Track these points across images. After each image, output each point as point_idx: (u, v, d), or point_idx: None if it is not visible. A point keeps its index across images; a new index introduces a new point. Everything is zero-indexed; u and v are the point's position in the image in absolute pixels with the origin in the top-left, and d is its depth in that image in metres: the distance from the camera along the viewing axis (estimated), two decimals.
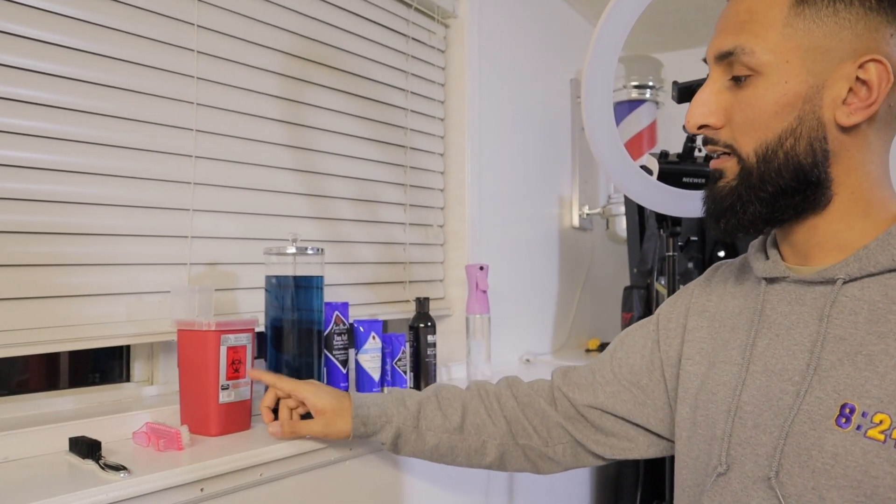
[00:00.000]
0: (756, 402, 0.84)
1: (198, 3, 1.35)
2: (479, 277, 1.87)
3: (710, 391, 0.91)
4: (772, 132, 0.80)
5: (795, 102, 0.79)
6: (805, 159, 0.80)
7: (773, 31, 0.79)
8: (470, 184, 2.05)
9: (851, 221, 0.82)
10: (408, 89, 1.91)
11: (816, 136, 0.79)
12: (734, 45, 0.81)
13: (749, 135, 0.82)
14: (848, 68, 0.77)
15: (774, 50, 0.79)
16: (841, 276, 0.80)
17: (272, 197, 1.51)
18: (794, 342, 0.83)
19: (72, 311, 1.17)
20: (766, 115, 0.80)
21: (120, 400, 1.29)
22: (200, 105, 1.36)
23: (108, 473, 0.97)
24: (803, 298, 0.84)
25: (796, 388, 0.80)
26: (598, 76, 1.46)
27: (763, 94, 0.80)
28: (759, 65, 0.80)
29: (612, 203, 2.66)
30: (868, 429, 0.73)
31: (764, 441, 0.82)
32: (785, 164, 0.80)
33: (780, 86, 0.79)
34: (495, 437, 1.15)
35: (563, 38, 2.63)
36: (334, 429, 1.15)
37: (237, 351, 1.22)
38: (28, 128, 1.12)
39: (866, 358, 0.76)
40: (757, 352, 0.86)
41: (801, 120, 0.79)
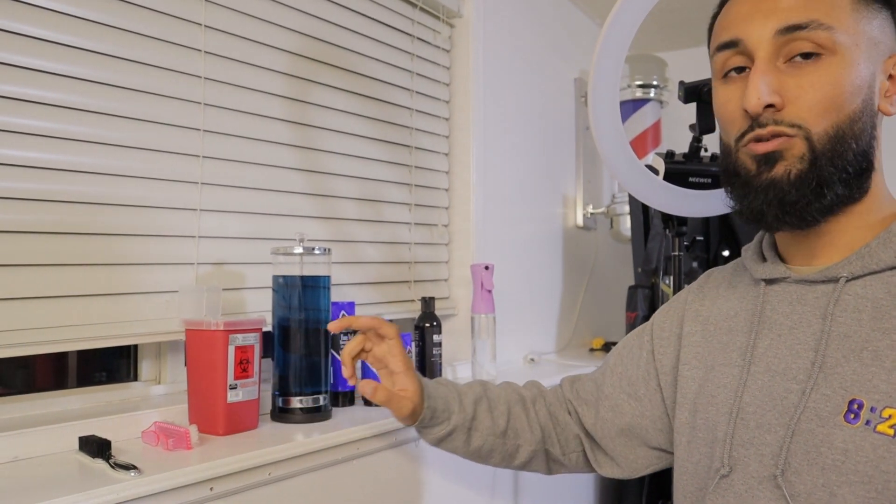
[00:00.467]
0: (759, 402, 0.84)
1: (205, 4, 1.36)
2: (485, 277, 1.87)
3: (709, 394, 0.91)
4: (844, 113, 0.79)
5: (863, 86, 0.80)
6: (865, 145, 0.81)
7: (843, 13, 0.80)
8: (475, 183, 2.05)
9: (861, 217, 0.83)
10: (413, 89, 1.91)
11: (872, 123, 0.81)
12: (809, 19, 0.79)
13: (822, 115, 0.79)
14: (889, 62, 0.82)
15: (848, 31, 0.79)
16: (844, 275, 0.81)
17: (278, 197, 1.52)
18: (798, 341, 0.83)
19: (80, 310, 1.17)
20: (842, 96, 0.79)
21: (128, 399, 1.29)
22: (208, 105, 1.36)
23: (118, 473, 0.98)
24: (805, 298, 0.84)
25: (801, 386, 0.80)
26: (605, 76, 1.46)
27: (840, 73, 0.79)
28: (835, 43, 0.79)
29: (616, 202, 2.66)
30: (877, 424, 0.73)
31: (768, 440, 0.82)
32: (854, 146, 0.80)
33: (855, 67, 0.79)
34: (531, 444, 1.16)
35: (567, 37, 2.63)
36: (403, 410, 1.09)
37: (245, 350, 1.23)
38: (35, 127, 1.12)
39: (872, 354, 0.76)
40: (758, 353, 0.87)
41: (865, 104, 0.80)
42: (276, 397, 1.34)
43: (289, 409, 1.32)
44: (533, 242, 2.39)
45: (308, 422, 1.32)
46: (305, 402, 1.33)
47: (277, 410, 1.33)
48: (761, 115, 0.81)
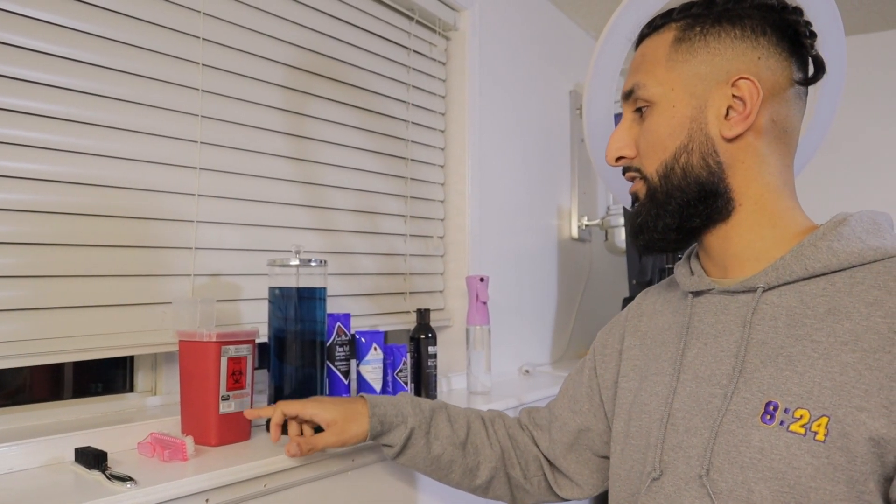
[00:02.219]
0: (687, 408, 0.89)
1: (203, 17, 1.36)
2: (480, 289, 1.87)
3: (642, 403, 0.97)
4: (668, 152, 0.91)
5: (684, 123, 0.90)
6: (701, 171, 0.89)
7: (659, 66, 0.92)
8: (470, 195, 2.06)
9: (761, 231, 0.90)
10: (409, 101, 1.92)
11: (707, 150, 0.89)
12: (633, 84, 0.95)
13: (651, 157, 0.92)
14: (724, 88, 0.88)
15: (662, 82, 0.91)
16: (761, 285, 0.87)
17: (275, 208, 1.52)
18: (721, 349, 0.89)
19: (76, 321, 1.18)
20: (661, 138, 0.91)
21: (124, 410, 1.29)
22: (205, 117, 1.37)
23: (114, 484, 0.98)
24: (728, 308, 0.91)
25: (724, 390, 0.86)
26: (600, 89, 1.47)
27: (657, 120, 0.91)
28: (651, 96, 0.92)
29: (611, 214, 2.67)
30: (790, 423, 0.79)
31: (695, 443, 0.87)
32: (683, 177, 0.90)
33: (669, 110, 0.90)
34: (490, 461, 1.20)
35: (562, 50, 2.65)
36: (348, 435, 1.15)
37: (238, 362, 1.23)
38: (33, 139, 1.13)
39: (786, 359, 0.82)
40: (687, 361, 0.92)
41: (691, 137, 0.89)
42: None
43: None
44: (528, 254, 2.40)
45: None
46: None
47: None
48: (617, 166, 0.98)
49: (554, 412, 1.20)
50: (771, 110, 0.89)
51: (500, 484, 1.21)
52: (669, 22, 0.94)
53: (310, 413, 1.16)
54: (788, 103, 0.90)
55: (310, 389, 1.34)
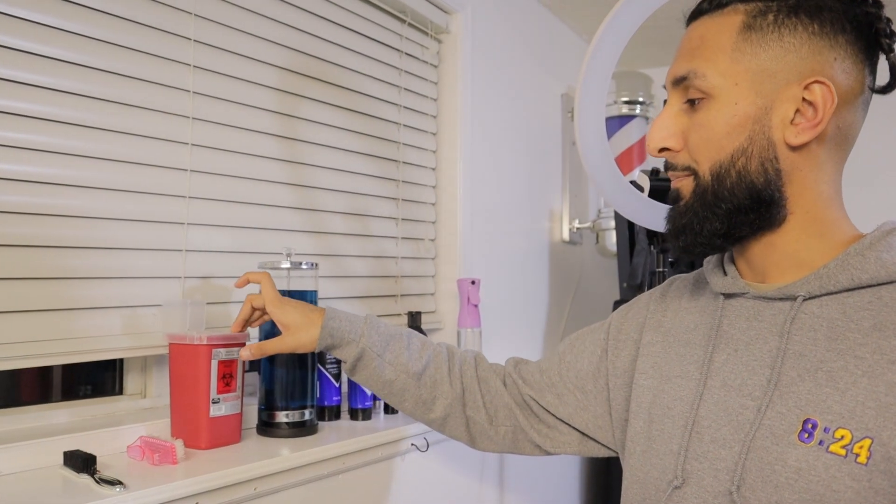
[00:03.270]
0: (714, 416, 0.85)
1: (195, 18, 1.36)
2: (471, 291, 1.87)
3: (665, 405, 0.93)
4: (724, 152, 0.83)
5: (745, 123, 0.82)
6: (757, 178, 0.83)
7: (722, 55, 0.83)
8: (461, 198, 2.06)
9: (808, 241, 0.85)
10: (400, 104, 1.92)
11: (767, 156, 0.82)
12: (687, 70, 0.85)
13: (704, 155, 0.85)
14: (794, 90, 0.81)
15: (724, 73, 0.83)
16: (801, 294, 0.82)
17: (266, 211, 1.52)
18: (754, 358, 0.84)
19: (65, 324, 1.17)
20: (718, 136, 0.83)
21: (113, 413, 1.29)
22: (196, 119, 1.37)
23: (103, 488, 0.97)
24: (762, 314, 0.86)
25: (756, 402, 0.82)
26: (592, 92, 1.47)
27: (715, 116, 0.83)
28: (710, 88, 0.84)
29: (601, 217, 2.67)
30: (830, 444, 0.75)
31: (723, 455, 0.83)
32: (738, 182, 0.83)
33: (731, 107, 0.83)
34: (447, 397, 1.16)
35: (554, 53, 2.65)
36: (299, 341, 1.15)
37: (228, 365, 1.23)
38: (21, 140, 1.12)
39: (827, 374, 0.78)
40: (715, 367, 0.88)
41: (751, 140, 0.82)
42: (261, 411, 1.34)
43: (275, 423, 1.32)
44: (519, 257, 2.40)
45: (294, 436, 1.32)
46: (291, 416, 1.33)
47: (263, 424, 1.33)
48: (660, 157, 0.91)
49: (550, 377, 1.14)
50: (838, 117, 0.82)
51: (456, 423, 1.17)
52: (735, 2, 0.84)
53: (270, 311, 1.17)
54: (856, 111, 0.84)
55: (300, 393, 1.34)
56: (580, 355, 1.13)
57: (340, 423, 1.48)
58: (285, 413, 1.32)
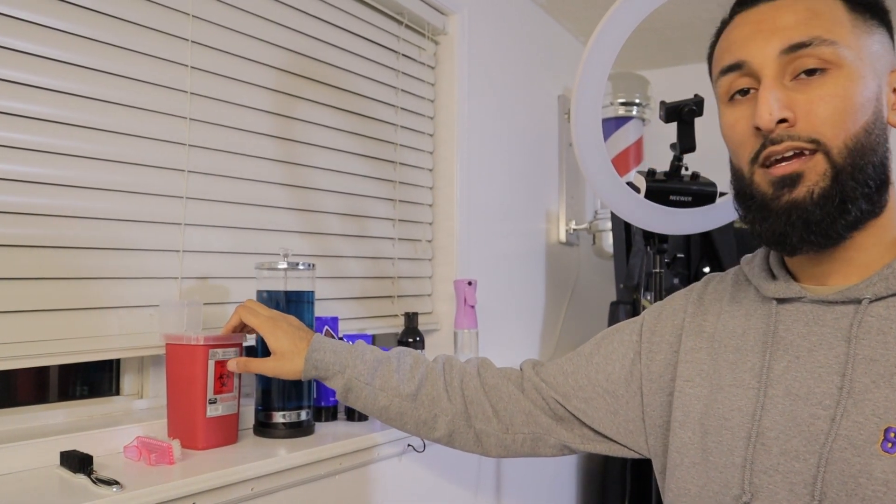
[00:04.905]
0: (781, 427, 0.81)
1: (192, 19, 1.36)
2: (468, 292, 1.88)
3: (720, 416, 0.88)
4: (859, 125, 0.78)
5: (872, 99, 0.79)
6: (882, 157, 0.80)
7: (844, 28, 0.80)
8: (458, 199, 2.06)
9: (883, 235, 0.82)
10: (398, 105, 1.92)
11: (884, 135, 0.80)
12: (811, 37, 0.79)
13: (838, 128, 0.78)
14: (892, 76, 0.82)
15: (851, 45, 0.79)
16: (867, 296, 0.78)
17: (263, 211, 1.52)
18: (819, 364, 0.80)
19: (62, 324, 1.17)
20: (853, 107, 0.78)
21: (110, 413, 1.29)
22: (193, 120, 1.37)
23: (100, 488, 0.97)
24: (822, 319, 0.82)
25: (829, 412, 0.78)
26: (588, 93, 1.48)
27: (848, 86, 0.78)
28: (839, 57, 0.79)
29: (598, 218, 2.68)
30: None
31: (798, 468, 0.79)
32: (873, 159, 0.79)
33: (862, 80, 0.79)
34: (447, 414, 1.12)
35: (551, 54, 2.66)
36: (284, 369, 1.14)
37: (225, 365, 1.23)
38: (19, 140, 1.12)
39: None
40: (775, 375, 0.83)
41: (876, 116, 0.80)
42: (258, 412, 1.34)
43: (271, 423, 1.32)
44: (516, 258, 2.40)
45: (291, 437, 1.32)
46: (288, 416, 1.33)
47: (260, 425, 1.33)
48: (774, 131, 0.80)
49: (577, 380, 1.08)
50: None
51: (463, 438, 1.13)
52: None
53: (262, 333, 1.17)
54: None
55: (297, 393, 1.34)
56: (610, 357, 1.06)
57: (337, 423, 1.48)
58: (282, 413, 1.33)
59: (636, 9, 1.44)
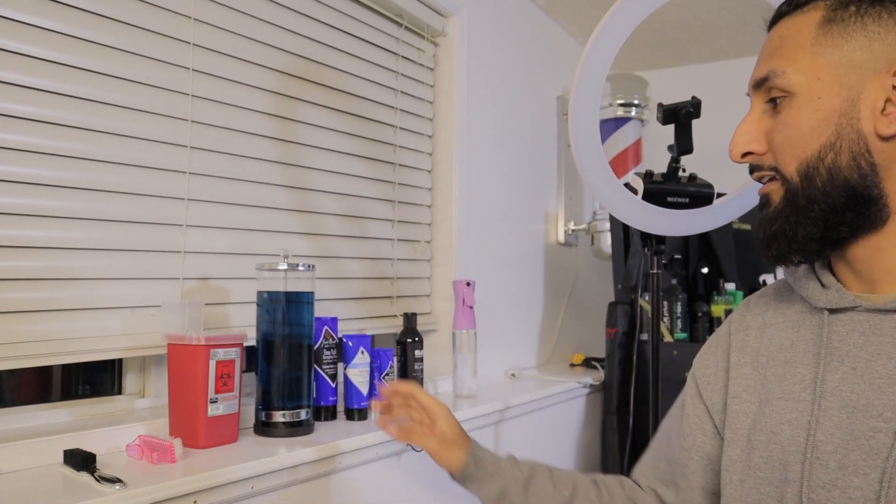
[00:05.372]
0: (838, 441, 0.79)
1: (194, 22, 1.38)
2: (466, 293, 1.89)
3: (768, 430, 0.86)
4: (810, 149, 0.80)
5: (831, 117, 0.79)
6: (850, 174, 0.78)
7: (802, 51, 0.80)
8: (457, 200, 2.08)
9: None
10: (397, 107, 1.93)
11: (858, 150, 0.78)
12: (768, 71, 0.83)
13: (789, 154, 0.81)
14: (883, 78, 0.77)
15: (805, 69, 0.80)
16: None
17: (263, 213, 1.54)
18: (878, 375, 0.78)
19: (65, 324, 1.19)
20: (802, 133, 0.80)
21: (112, 413, 1.30)
22: (195, 122, 1.38)
23: (103, 486, 0.99)
24: (880, 328, 0.80)
25: (889, 424, 0.75)
26: (586, 94, 1.49)
27: (797, 113, 0.80)
28: (790, 85, 0.81)
29: (597, 219, 2.69)
30: None
31: (857, 483, 0.76)
32: (829, 180, 0.79)
33: (814, 102, 0.79)
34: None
35: (550, 55, 2.67)
36: (446, 455, 1.09)
37: (226, 365, 1.24)
38: (22, 142, 1.14)
39: None
40: (829, 387, 0.81)
41: (839, 134, 0.78)
42: (259, 411, 1.35)
43: (272, 422, 1.34)
44: (515, 258, 2.41)
45: (291, 436, 1.33)
46: (288, 416, 1.34)
47: (260, 424, 1.35)
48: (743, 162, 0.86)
49: (673, 459, 1.04)
50: None
51: None
52: None
53: (435, 412, 1.10)
54: None
55: (297, 393, 1.35)
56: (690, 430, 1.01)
57: (336, 422, 1.49)
58: (282, 413, 1.34)
59: (635, 10, 1.45)
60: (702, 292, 2.58)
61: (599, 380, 2.44)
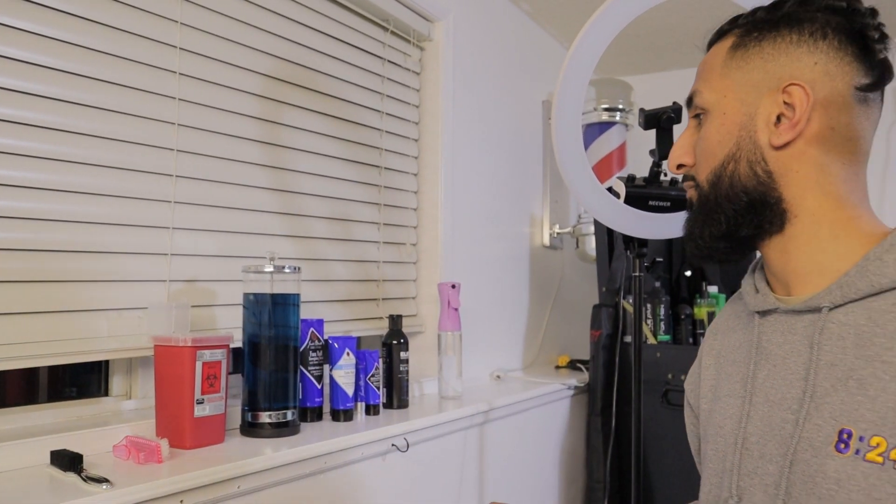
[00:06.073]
0: (760, 432, 0.86)
1: (180, 27, 1.39)
2: (451, 295, 1.91)
3: (717, 424, 0.93)
4: (717, 159, 0.89)
5: (733, 130, 0.89)
6: (748, 180, 0.88)
7: (714, 74, 0.91)
8: (443, 203, 2.09)
9: (821, 244, 0.85)
10: (383, 110, 1.95)
11: (755, 158, 0.87)
12: (692, 91, 0.94)
13: (704, 164, 0.92)
14: (775, 95, 0.86)
15: (715, 89, 0.91)
16: (826, 304, 0.82)
17: (250, 215, 1.55)
18: (790, 371, 0.85)
19: (52, 326, 1.19)
20: (712, 146, 0.90)
21: (99, 414, 1.31)
22: (182, 126, 1.39)
23: (90, 485, 1.00)
24: (794, 328, 0.86)
25: (795, 416, 0.82)
26: (569, 100, 1.51)
27: (709, 128, 0.91)
28: (705, 103, 0.91)
29: (581, 223, 2.71)
30: (866, 452, 0.75)
31: (770, 470, 0.83)
32: (731, 186, 0.88)
33: (720, 117, 0.90)
34: None
35: (535, 60, 2.69)
36: None
37: (212, 366, 1.25)
38: (10, 147, 1.15)
39: (857, 382, 0.78)
40: (758, 383, 0.88)
41: (739, 145, 0.88)
42: (245, 412, 1.37)
43: (258, 423, 1.35)
44: (500, 261, 2.43)
45: (277, 436, 1.34)
46: (274, 416, 1.35)
47: (247, 425, 1.36)
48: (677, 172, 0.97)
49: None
50: (829, 117, 0.85)
51: None
52: (733, 28, 0.92)
53: None
54: (850, 110, 0.85)
55: (283, 394, 1.36)
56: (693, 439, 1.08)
57: (322, 423, 1.50)
58: (268, 414, 1.35)
59: (618, 16, 1.47)
60: (685, 295, 2.60)
61: (584, 381, 2.46)
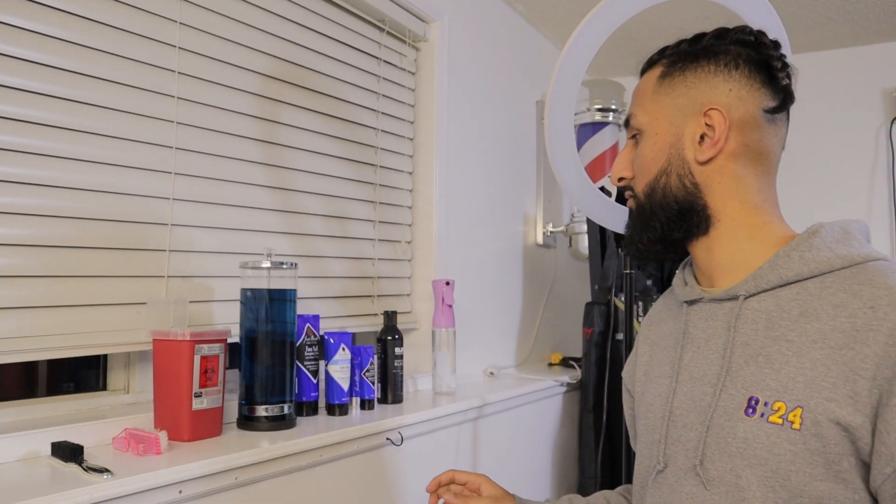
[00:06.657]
0: (684, 405, 0.99)
1: (179, 26, 1.41)
2: (445, 292, 1.93)
3: (648, 403, 1.06)
4: (651, 173, 1.01)
5: (664, 148, 1.01)
6: (678, 191, 1.00)
7: (647, 98, 1.03)
8: (437, 201, 2.12)
9: (739, 244, 0.99)
10: (379, 110, 1.97)
11: (683, 172, 0.99)
12: (628, 114, 1.06)
13: (640, 178, 1.03)
14: (698, 118, 0.99)
15: (648, 112, 1.03)
16: (742, 293, 0.96)
17: (247, 212, 1.57)
18: (711, 351, 0.98)
19: (51, 320, 1.21)
20: (647, 162, 1.02)
21: (97, 408, 1.33)
22: (180, 124, 1.41)
23: (91, 475, 1.02)
24: (716, 315, 0.99)
25: (713, 388, 0.95)
26: (562, 100, 1.53)
27: (644, 146, 1.02)
28: (640, 125, 1.03)
29: (574, 221, 2.74)
30: (770, 415, 0.88)
31: (691, 437, 0.96)
32: (663, 196, 1.00)
33: (653, 137, 1.02)
34: None
35: (530, 60, 2.71)
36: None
37: (210, 360, 1.27)
38: (9, 143, 1.16)
39: (765, 358, 0.91)
40: (684, 364, 1.01)
41: (669, 161, 1.00)
42: (242, 406, 1.39)
43: (254, 417, 1.37)
44: (494, 259, 2.45)
45: (273, 429, 1.36)
46: (271, 410, 1.37)
47: (243, 418, 1.38)
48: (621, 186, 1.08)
49: None
50: (743, 136, 0.98)
51: None
52: (662, 58, 1.05)
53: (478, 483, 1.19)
54: (761, 129, 0.99)
55: (279, 388, 1.38)
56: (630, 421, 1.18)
57: (318, 417, 1.53)
58: (265, 407, 1.37)
59: (610, 18, 1.49)
60: None
61: (576, 378, 2.48)
